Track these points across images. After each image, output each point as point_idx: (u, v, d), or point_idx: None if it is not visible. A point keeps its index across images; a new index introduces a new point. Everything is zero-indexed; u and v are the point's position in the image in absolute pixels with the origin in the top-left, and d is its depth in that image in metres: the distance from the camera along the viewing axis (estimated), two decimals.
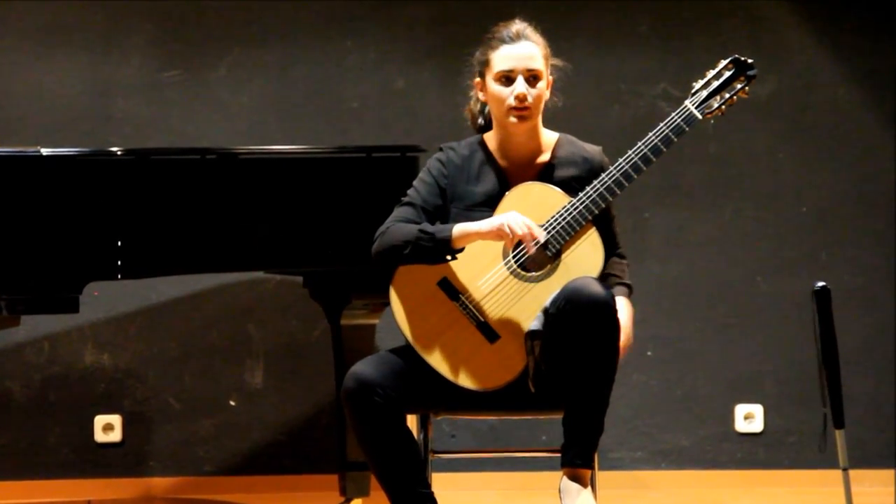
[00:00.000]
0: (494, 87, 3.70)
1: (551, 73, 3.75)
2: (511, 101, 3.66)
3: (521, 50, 3.68)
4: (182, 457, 5.24)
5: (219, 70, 5.25)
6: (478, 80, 3.78)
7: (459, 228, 3.59)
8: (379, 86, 5.28)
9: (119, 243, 4.12)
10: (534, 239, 3.55)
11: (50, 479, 5.17)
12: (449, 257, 3.62)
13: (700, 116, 3.67)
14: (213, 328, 5.25)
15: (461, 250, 3.62)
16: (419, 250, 3.61)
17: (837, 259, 5.35)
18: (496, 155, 3.78)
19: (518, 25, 3.72)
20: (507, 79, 3.68)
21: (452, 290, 3.64)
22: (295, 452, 5.26)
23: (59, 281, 4.06)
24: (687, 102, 3.68)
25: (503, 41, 3.69)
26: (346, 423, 3.90)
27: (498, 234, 3.56)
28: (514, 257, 3.63)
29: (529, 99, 3.66)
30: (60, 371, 5.20)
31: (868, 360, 5.33)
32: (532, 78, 3.67)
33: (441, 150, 3.82)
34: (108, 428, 5.20)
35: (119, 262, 4.12)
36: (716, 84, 3.71)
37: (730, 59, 3.73)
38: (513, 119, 3.68)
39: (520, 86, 3.66)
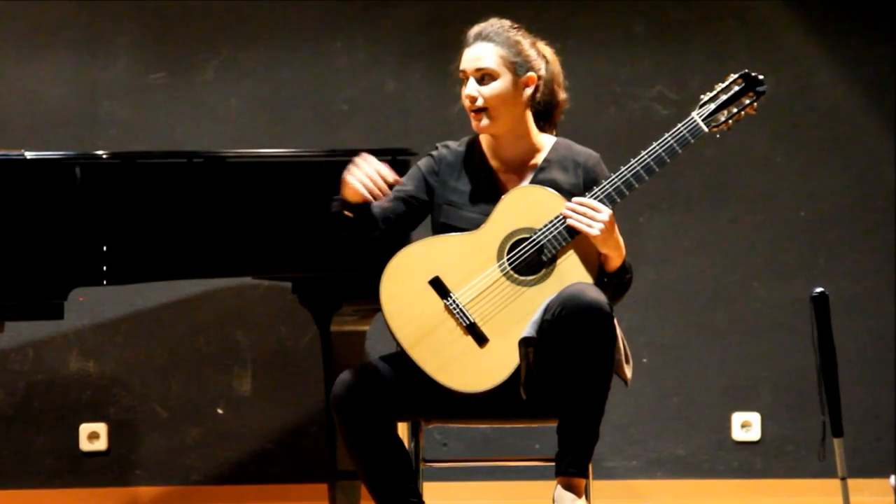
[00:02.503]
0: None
1: (529, 69, 3.70)
2: (466, 102, 3.69)
3: (473, 52, 3.69)
4: (169, 466, 5.22)
5: (206, 72, 5.23)
6: None
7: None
8: (369, 88, 5.26)
9: (105, 248, 4.08)
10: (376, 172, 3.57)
11: (34, 488, 5.16)
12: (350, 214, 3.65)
13: (706, 129, 3.66)
14: (200, 335, 5.23)
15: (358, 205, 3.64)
16: (339, 216, 3.66)
17: (836, 264, 5.32)
18: (488, 155, 3.78)
19: (479, 27, 3.72)
20: (463, 80, 3.72)
21: (443, 288, 3.61)
22: (284, 461, 5.24)
23: (44, 287, 4.03)
24: (694, 114, 3.67)
25: (465, 45, 3.72)
26: (335, 432, 3.87)
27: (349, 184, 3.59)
28: (508, 260, 3.60)
29: (480, 101, 3.66)
30: (45, 378, 5.18)
31: (867, 367, 5.31)
32: (484, 77, 3.67)
33: (437, 147, 3.83)
34: (93, 436, 5.18)
35: (105, 268, 4.08)
36: (724, 98, 3.69)
37: (740, 73, 3.71)
38: (473, 121, 3.69)
39: (469, 87, 3.68)
